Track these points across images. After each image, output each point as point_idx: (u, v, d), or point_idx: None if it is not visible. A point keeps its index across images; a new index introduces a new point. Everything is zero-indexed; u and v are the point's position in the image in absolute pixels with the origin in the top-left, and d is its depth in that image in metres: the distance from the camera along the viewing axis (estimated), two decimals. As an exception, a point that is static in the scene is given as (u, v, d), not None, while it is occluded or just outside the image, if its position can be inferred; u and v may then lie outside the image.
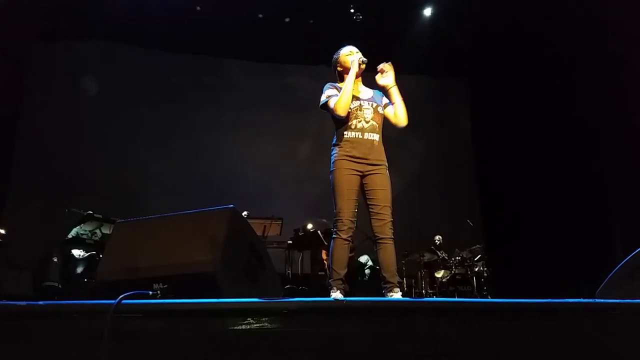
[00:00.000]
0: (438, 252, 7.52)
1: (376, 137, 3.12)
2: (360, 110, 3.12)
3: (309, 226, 7.00)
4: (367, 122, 3.11)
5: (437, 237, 7.62)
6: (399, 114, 3.19)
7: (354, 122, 3.11)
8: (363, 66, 3.20)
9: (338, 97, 3.09)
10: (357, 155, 3.06)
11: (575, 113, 7.11)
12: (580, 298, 2.26)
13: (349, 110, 3.10)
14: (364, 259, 7.43)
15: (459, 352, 1.90)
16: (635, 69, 6.10)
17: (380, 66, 3.23)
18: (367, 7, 7.92)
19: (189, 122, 8.62)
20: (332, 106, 3.10)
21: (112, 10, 7.35)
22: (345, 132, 3.11)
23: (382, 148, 3.16)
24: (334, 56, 3.34)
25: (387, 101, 3.28)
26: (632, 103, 6.13)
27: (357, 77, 3.20)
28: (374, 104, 3.17)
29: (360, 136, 3.09)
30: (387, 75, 3.22)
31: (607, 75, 6.56)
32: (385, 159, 3.15)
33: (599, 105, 6.71)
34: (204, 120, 8.69)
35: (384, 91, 3.26)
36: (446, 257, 7.44)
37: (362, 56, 3.22)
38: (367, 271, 7.32)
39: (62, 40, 8.13)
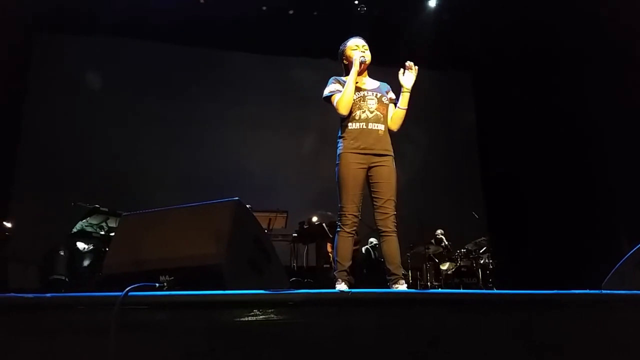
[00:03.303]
0: (440, 245, 7.51)
1: (381, 127, 3.11)
2: (364, 101, 3.11)
3: (314, 219, 7.01)
4: (371, 113, 3.10)
5: (438, 231, 7.61)
6: (396, 119, 3.19)
7: (358, 112, 3.10)
8: (367, 61, 3.18)
9: (340, 96, 3.09)
10: (363, 146, 3.05)
11: (579, 105, 7.08)
12: (586, 289, 2.26)
13: (353, 101, 3.10)
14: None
15: (465, 343, 1.90)
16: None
17: (409, 63, 3.19)
18: (371, -1, 7.90)
19: (194, 115, 8.63)
20: (334, 104, 3.11)
21: (116, 4, 7.35)
22: (350, 124, 3.11)
23: (388, 138, 3.15)
24: (340, 48, 3.33)
25: (393, 96, 3.27)
26: (637, 94, 6.09)
27: (360, 71, 3.18)
28: (378, 94, 3.16)
29: (364, 127, 3.08)
30: (408, 75, 3.18)
31: (612, 68, 6.52)
32: (391, 149, 3.14)
33: (604, 97, 6.67)
34: (209, 114, 8.70)
35: (397, 91, 3.23)
36: (446, 251, 7.42)
37: (364, 54, 3.19)
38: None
39: (67, 35, 8.16)
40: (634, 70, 6.12)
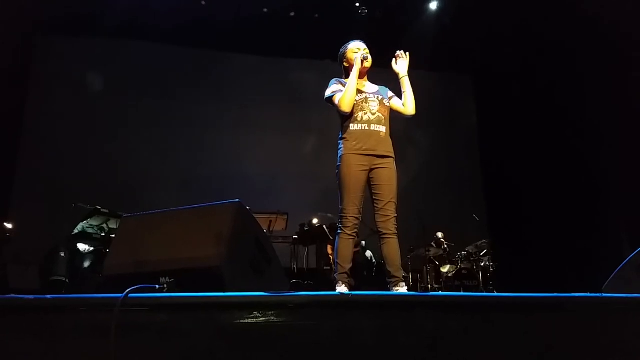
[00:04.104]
0: (440, 248, 7.50)
1: (383, 129, 3.12)
2: (366, 103, 3.12)
3: (315, 221, 7.00)
4: (373, 114, 3.10)
5: (439, 234, 7.60)
6: (408, 102, 3.23)
7: (360, 114, 3.10)
8: (367, 64, 3.19)
9: (342, 94, 3.09)
10: (365, 147, 3.05)
11: (580, 108, 7.08)
12: (586, 292, 2.25)
13: (355, 103, 3.10)
14: (368, 254, 7.44)
15: (465, 346, 1.90)
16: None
17: (398, 52, 3.27)
18: (372, 1, 7.89)
19: (195, 117, 8.63)
20: (336, 102, 3.11)
21: (117, 6, 7.37)
22: (351, 125, 3.11)
23: (389, 140, 3.16)
24: (341, 50, 3.33)
25: (393, 95, 3.28)
26: (637, 96, 6.09)
27: (361, 74, 3.20)
28: (379, 97, 3.18)
29: (366, 128, 3.08)
30: (401, 63, 3.25)
31: (613, 70, 6.52)
32: (392, 151, 3.15)
33: (605, 99, 6.67)
34: (210, 115, 8.71)
35: (391, 85, 3.26)
36: (447, 254, 7.41)
37: (365, 53, 3.21)
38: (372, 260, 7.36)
39: (67, 37, 8.16)
40: (634, 72, 6.12)
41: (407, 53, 3.29)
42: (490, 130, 9.30)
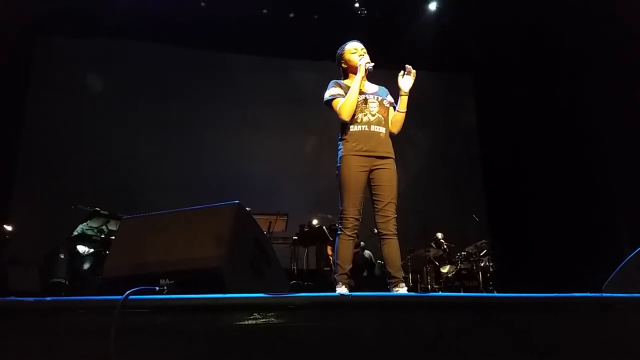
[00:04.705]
0: (440, 248, 7.49)
1: (382, 130, 3.12)
2: (366, 104, 3.12)
3: (314, 222, 6.99)
4: (372, 115, 3.10)
5: (439, 234, 7.59)
6: (396, 122, 3.20)
7: (360, 115, 3.10)
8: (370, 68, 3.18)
9: (343, 102, 3.08)
10: (365, 148, 3.05)
11: (580, 107, 7.08)
12: (586, 292, 2.25)
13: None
14: (367, 254, 7.43)
15: (465, 347, 1.90)
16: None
17: (408, 67, 3.20)
18: (372, 1, 7.89)
19: (194, 118, 8.63)
20: (336, 109, 3.10)
21: (117, 6, 7.36)
22: (351, 126, 3.11)
23: (389, 141, 3.16)
24: (338, 52, 3.32)
25: (392, 99, 3.27)
26: (638, 95, 6.09)
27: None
28: (379, 98, 3.17)
29: (366, 129, 3.08)
30: (407, 79, 3.19)
31: (613, 69, 6.52)
32: (392, 152, 3.15)
33: (605, 98, 6.67)
34: (209, 116, 8.70)
35: (395, 95, 3.24)
36: (447, 254, 7.40)
37: (368, 60, 3.19)
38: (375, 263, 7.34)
39: (67, 37, 8.16)
40: (634, 71, 6.11)
41: (415, 71, 3.18)
42: (490, 131, 9.30)
